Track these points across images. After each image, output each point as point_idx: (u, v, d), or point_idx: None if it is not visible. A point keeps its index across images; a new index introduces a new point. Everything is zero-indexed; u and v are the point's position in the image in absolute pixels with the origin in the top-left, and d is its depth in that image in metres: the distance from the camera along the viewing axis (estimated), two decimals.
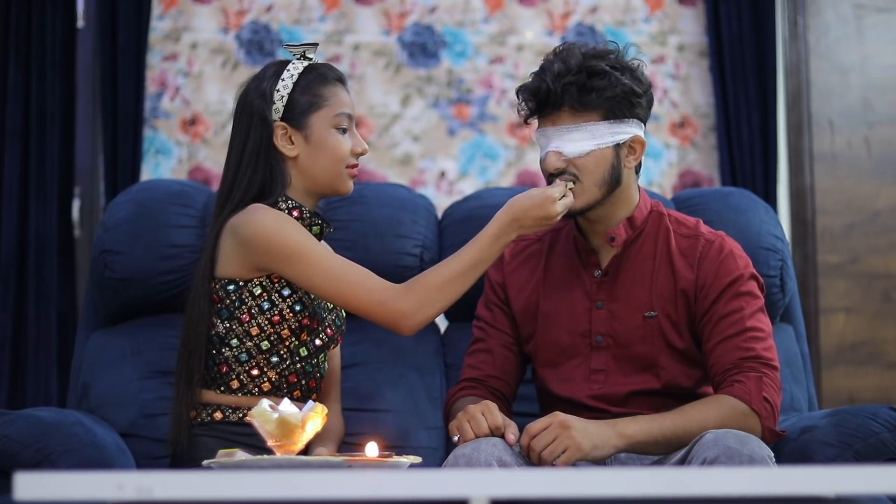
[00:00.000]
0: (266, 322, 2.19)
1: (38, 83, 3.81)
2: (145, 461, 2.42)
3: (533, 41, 4.04)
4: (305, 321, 2.21)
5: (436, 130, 3.99)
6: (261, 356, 2.20)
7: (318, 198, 2.30)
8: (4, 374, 3.71)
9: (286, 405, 1.81)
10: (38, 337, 3.72)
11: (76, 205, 3.84)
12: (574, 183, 2.20)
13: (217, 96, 3.92)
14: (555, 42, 3.97)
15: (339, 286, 2.14)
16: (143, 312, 2.64)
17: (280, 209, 2.22)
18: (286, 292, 2.19)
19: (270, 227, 2.15)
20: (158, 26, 3.95)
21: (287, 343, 2.21)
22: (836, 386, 3.92)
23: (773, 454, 2.00)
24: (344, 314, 2.34)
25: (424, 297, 2.13)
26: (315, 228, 2.26)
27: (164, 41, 3.96)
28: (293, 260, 2.14)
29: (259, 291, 2.19)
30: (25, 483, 1.20)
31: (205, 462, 1.86)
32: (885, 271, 3.97)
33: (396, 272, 2.66)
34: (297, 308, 2.20)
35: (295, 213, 2.23)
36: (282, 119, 2.23)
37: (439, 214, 2.83)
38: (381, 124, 3.98)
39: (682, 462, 2.03)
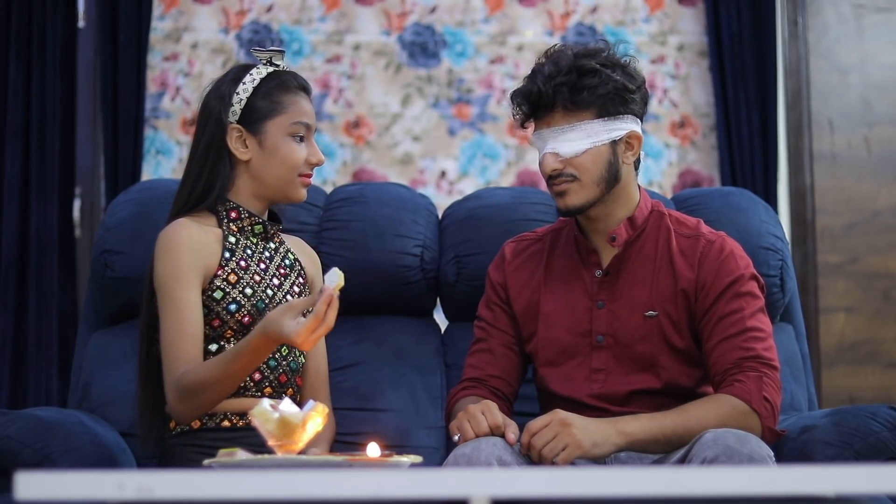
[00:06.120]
0: (207, 328, 2.20)
1: (38, 83, 3.81)
2: (146, 461, 2.42)
3: (533, 41, 4.04)
4: (247, 319, 2.20)
5: (436, 130, 3.99)
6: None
7: (269, 202, 2.30)
8: (5, 373, 3.71)
9: (287, 405, 1.81)
10: (39, 336, 3.72)
11: (77, 204, 3.84)
12: (573, 182, 2.21)
13: None
14: (555, 42, 3.97)
15: (164, 339, 2.15)
16: None
17: (217, 211, 2.25)
18: (217, 295, 2.20)
19: (158, 250, 2.20)
20: (159, 26, 3.95)
21: (234, 343, 2.20)
22: (836, 385, 3.92)
23: (772, 453, 2.00)
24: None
25: (180, 395, 2.11)
26: (257, 227, 2.28)
27: (165, 41, 3.96)
28: (157, 290, 2.19)
29: None
30: (26, 483, 1.20)
31: (205, 461, 1.86)
32: (885, 271, 3.98)
33: (396, 272, 2.66)
34: (233, 308, 2.20)
35: (233, 215, 2.26)
36: (238, 122, 2.24)
37: (440, 214, 2.83)
38: (382, 124, 3.98)
39: (682, 461, 2.03)
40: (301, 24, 4.00)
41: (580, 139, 2.21)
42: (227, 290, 2.20)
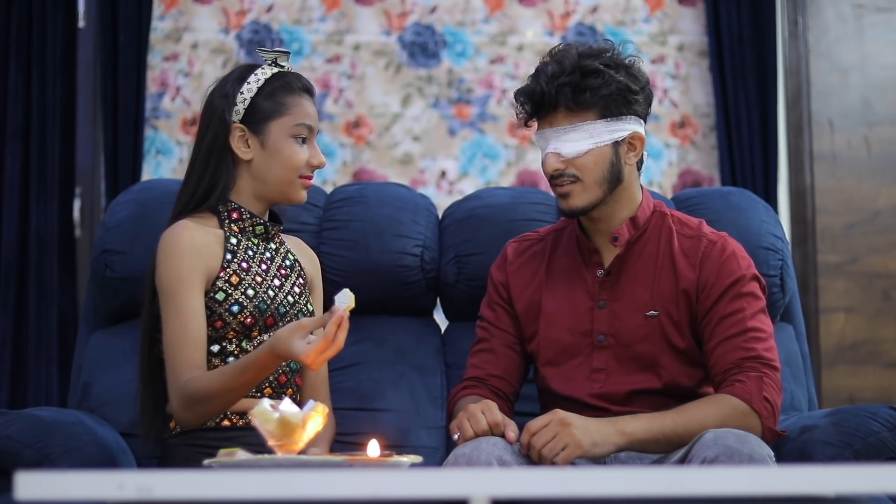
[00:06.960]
0: (210, 329, 2.20)
1: (38, 83, 3.81)
2: (146, 460, 2.42)
3: (533, 41, 4.04)
4: (249, 320, 2.20)
5: (436, 130, 3.99)
6: (216, 359, 2.21)
7: (269, 203, 2.30)
8: (5, 373, 3.71)
9: (287, 405, 1.81)
10: (39, 336, 3.72)
11: (77, 204, 3.84)
12: (575, 183, 2.21)
13: None
14: (555, 42, 3.97)
15: (167, 344, 2.16)
16: None
17: (219, 212, 2.25)
18: (220, 297, 2.20)
19: (160, 253, 2.20)
20: (159, 26, 3.95)
21: (235, 344, 2.21)
22: (836, 385, 3.92)
23: (773, 453, 2.00)
24: (310, 308, 2.34)
25: (184, 402, 2.11)
26: (258, 228, 2.28)
27: (165, 41, 3.96)
28: (160, 293, 2.19)
29: None
30: (26, 482, 1.20)
31: (205, 461, 1.87)
32: (885, 271, 3.97)
33: (396, 272, 2.66)
34: (235, 309, 2.20)
35: (234, 215, 2.26)
36: (241, 122, 2.25)
37: (440, 214, 2.83)
38: (382, 124, 3.98)
39: (682, 461, 2.03)
40: (301, 24, 4.00)
41: (582, 139, 2.20)
42: (230, 291, 2.20)
